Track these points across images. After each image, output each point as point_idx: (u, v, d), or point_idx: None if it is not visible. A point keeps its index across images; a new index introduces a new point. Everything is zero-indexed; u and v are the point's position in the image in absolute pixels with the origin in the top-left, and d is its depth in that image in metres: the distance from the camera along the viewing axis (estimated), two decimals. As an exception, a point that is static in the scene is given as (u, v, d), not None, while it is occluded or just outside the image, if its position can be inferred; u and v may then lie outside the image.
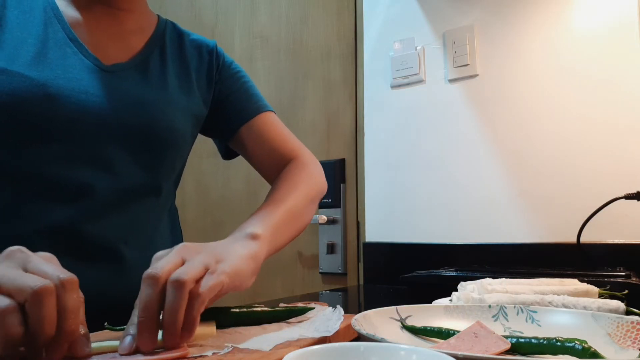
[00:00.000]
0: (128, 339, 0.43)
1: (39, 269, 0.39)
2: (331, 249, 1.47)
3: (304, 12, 1.62)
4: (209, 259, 0.50)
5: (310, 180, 0.80)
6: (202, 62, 0.82)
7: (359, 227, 1.45)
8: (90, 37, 0.69)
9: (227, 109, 0.84)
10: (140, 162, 0.70)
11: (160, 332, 0.44)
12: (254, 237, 0.61)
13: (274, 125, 0.85)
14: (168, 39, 0.79)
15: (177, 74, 0.78)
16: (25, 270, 0.39)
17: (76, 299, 0.39)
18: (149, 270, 0.44)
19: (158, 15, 0.82)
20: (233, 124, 0.84)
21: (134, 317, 0.44)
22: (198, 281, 0.47)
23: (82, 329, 0.41)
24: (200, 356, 0.43)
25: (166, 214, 0.80)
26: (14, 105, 0.59)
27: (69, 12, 0.69)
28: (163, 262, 0.46)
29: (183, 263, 0.47)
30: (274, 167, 0.83)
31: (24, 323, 0.36)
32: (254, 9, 1.73)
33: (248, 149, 0.84)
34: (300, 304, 0.65)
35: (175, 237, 0.82)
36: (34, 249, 0.43)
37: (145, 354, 0.43)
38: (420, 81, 1.36)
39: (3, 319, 0.35)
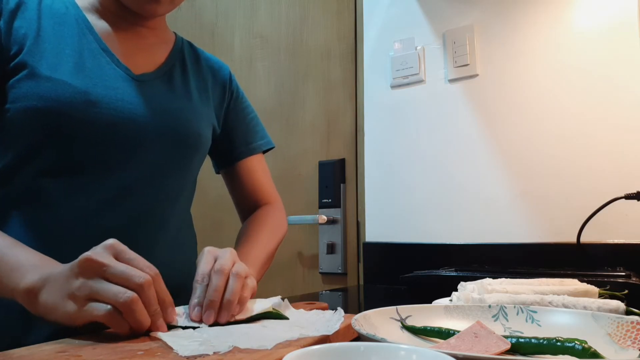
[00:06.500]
0: (198, 309, 0.57)
1: (129, 258, 0.53)
2: (331, 249, 1.47)
3: (304, 12, 1.62)
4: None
5: (283, 225, 0.94)
6: (217, 85, 0.88)
7: (359, 227, 1.45)
8: (119, 48, 0.75)
9: (230, 142, 0.91)
10: (170, 165, 0.76)
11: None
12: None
13: (263, 166, 0.96)
14: (186, 54, 0.86)
15: (197, 87, 0.84)
16: (119, 260, 0.52)
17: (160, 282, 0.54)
18: (218, 266, 0.59)
19: (174, 33, 0.88)
20: (232, 156, 0.92)
21: (196, 297, 0.57)
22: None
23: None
24: (201, 356, 0.43)
25: (189, 214, 0.86)
26: (59, 109, 0.65)
27: (99, 25, 0.75)
28: (226, 262, 0.60)
29: (234, 263, 0.61)
30: (252, 204, 0.94)
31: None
32: (254, 9, 1.73)
33: (237, 182, 0.93)
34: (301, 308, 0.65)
35: (192, 238, 0.87)
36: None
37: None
38: (420, 81, 1.36)
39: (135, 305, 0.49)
